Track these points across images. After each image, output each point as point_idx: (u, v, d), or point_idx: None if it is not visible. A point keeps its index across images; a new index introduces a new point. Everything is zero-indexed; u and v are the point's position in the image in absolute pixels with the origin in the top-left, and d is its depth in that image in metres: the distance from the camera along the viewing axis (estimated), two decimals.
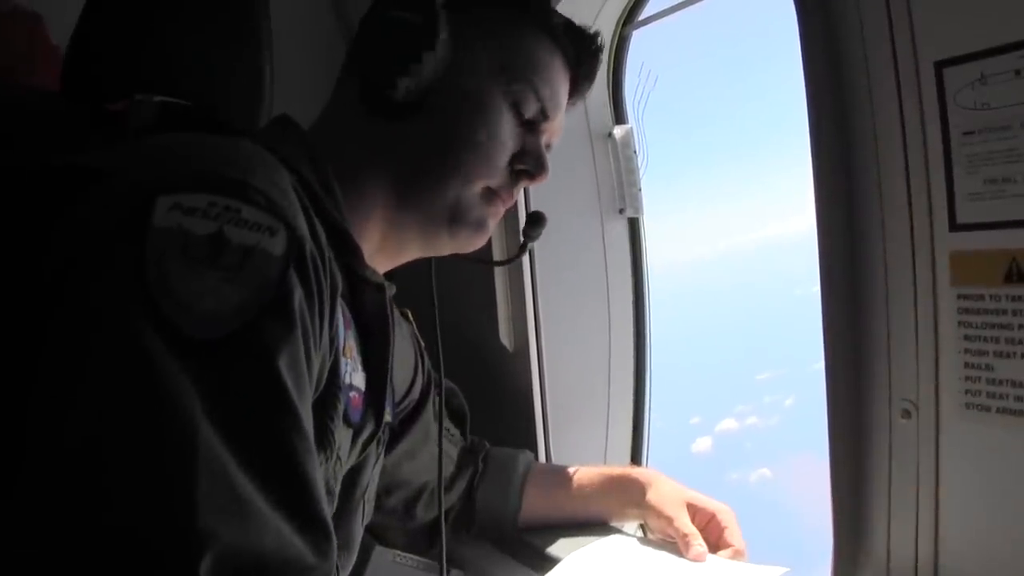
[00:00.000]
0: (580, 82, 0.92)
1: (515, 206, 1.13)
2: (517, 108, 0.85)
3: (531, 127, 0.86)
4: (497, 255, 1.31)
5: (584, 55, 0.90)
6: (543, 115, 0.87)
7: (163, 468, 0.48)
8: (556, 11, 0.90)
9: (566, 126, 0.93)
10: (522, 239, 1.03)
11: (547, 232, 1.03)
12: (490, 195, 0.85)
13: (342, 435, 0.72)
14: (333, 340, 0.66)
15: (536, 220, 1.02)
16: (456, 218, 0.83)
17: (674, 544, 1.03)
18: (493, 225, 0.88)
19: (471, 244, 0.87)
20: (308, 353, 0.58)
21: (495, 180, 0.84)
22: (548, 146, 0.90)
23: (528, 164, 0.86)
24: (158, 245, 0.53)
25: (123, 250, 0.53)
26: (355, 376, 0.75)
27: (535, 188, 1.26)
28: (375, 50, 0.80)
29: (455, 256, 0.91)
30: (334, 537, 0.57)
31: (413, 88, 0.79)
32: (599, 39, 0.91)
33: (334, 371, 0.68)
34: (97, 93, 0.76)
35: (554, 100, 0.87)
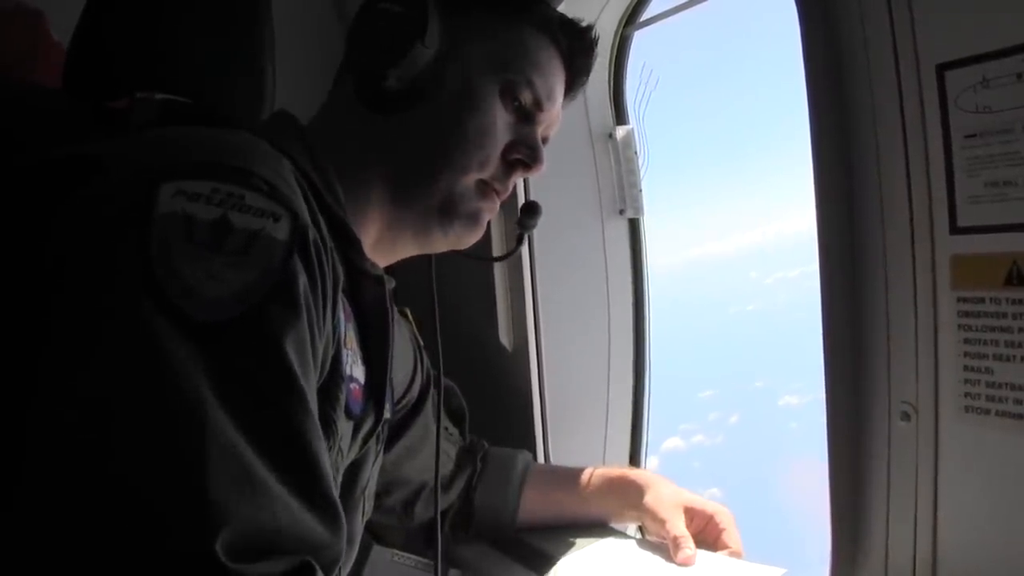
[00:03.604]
0: (576, 76, 0.92)
1: (514, 203, 1.14)
2: (511, 100, 0.85)
3: (527, 119, 0.86)
4: (497, 253, 1.31)
5: (579, 49, 0.90)
6: (537, 106, 0.86)
7: (174, 448, 0.49)
8: (551, 7, 0.90)
9: (567, 126, 0.93)
10: (518, 230, 1.02)
11: (547, 232, 1.03)
12: (483, 187, 0.85)
13: (343, 427, 0.72)
14: (335, 329, 0.66)
15: (532, 210, 1.01)
16: (447, 210, 0.83)
17: None
18: (487, 219, 0.87)
19: (465, 239, 0.87)
20: (312, 338, 0.59)
21: (488, 171, 0.84)
22: (545, 139, 0.90)
23: (523, 154, 0.85)
24: (162, 230, 0.53)
25: (128, 236, 0.53)
26: (355, 368, 0.75)
27: (535, 187, 1.25)
28: (366, 43, 0.80)
29: (454, 252, 0.91)
30: (343, 517, 0.57)
31: (403, 79, 0.79)
32: (593, 33, 0.91)
33: (336, 361, 0.68)
34: (99, 90, 0.76)
35: (548, 91, 0.87)
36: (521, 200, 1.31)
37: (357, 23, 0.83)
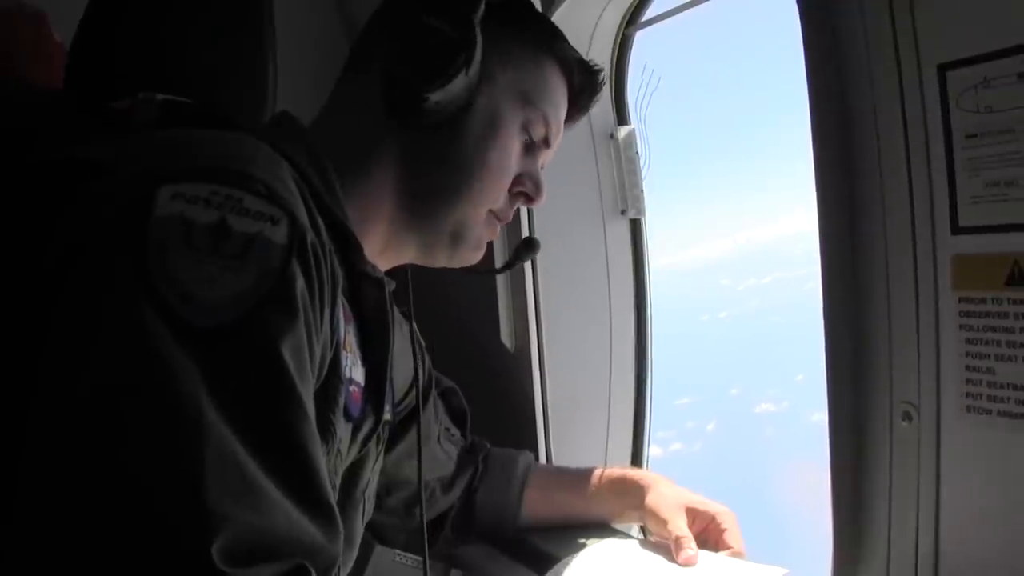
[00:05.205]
0: (576, 114, 0.94)
1: (518, 212, 1.14)
2: (526, 134, 0.87)
3: (531, 151, 0.88)
4: (498, 261, 1.31)
5: (587, 89, 0.93)
6: (546, 142, 0.89)
7: (171, 454, 0.49)
8: (571, 46, 0.91)
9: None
10: (512, 255, 1.06)
11: (549, 233, 1.04)
12: (489, 216, 0.87)
13: (342, 429, 0.72)
14: (334, 332, 0.66)
15: (530, 246, 1.06)
16: (458, 238, 0.86)
17: None
18: (489, 239, 0.90)
19: (468, 261, 0.89)
20: (310, 341, 0.59)
21: (498, 203, 0.87)
22: (541, 167, 0.92)
23: (527, 188, 0.88)
24: (160, 234, 0.53)
25: (125, 240, 0.53)
26: (355, 370, 0.75)
27: None
28: (410, 56, 0.77)
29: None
30: (340, 522, 0.57)
31: (445, 103, 0.78)
32: (602, 76, 0.94)
33: (335, 364, 0.68)
34: (101, 91, 0.76)
35: (558, 128, 0.90)
36: (524, 210, 1.31)
37: (397, 30, 0.78)
